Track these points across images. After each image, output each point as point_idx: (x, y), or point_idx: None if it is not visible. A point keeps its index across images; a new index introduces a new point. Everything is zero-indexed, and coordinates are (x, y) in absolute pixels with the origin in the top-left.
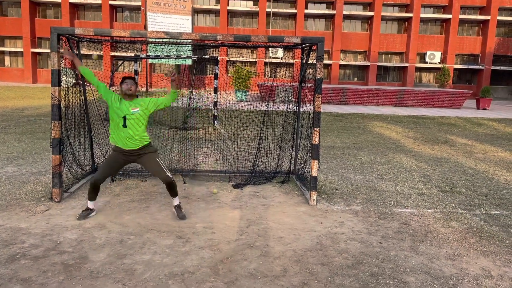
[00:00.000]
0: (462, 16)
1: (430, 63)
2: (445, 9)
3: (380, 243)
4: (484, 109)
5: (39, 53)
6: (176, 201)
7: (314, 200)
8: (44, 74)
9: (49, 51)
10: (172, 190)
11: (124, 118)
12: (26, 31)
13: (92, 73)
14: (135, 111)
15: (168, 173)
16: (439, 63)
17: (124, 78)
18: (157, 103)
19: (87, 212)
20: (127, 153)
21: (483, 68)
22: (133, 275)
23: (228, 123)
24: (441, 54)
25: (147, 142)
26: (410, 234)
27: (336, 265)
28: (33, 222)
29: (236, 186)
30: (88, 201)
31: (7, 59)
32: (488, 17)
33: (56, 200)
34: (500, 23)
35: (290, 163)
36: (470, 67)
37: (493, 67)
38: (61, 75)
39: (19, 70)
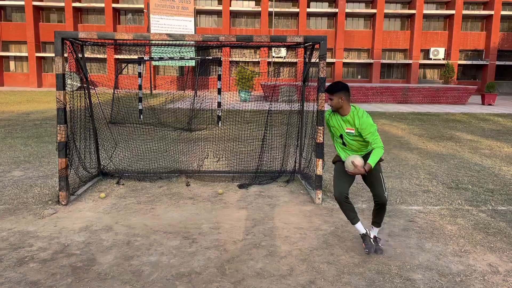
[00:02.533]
0: (465, 12)
1: (434, 59)
2: (448, 5)
3: (387, 240)
4: (490, 104)
5: (43, 58)
6: (375, 231)
7: (319, 199)
8: (49, 78)
9: (53, 55)
10: (379, 215)
11: (341, 136)
12: (30, 36)
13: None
14: (350, 132)
15: (386, 193)
16: (443, 59)
17: (327, 91)
18: (367, 138)
19: (368, 239)
20: None
21: (487, 63)
22: (141, 276)
23: (232, 123)
24: (445, 50)
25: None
26: (416, 231)
27: (343, 263)
28: (40, 226)
29: (241, 186)
30: (355, 226)
31: (12, 64)
32: (492, 12)
33: (63, 203)
34: (504, 18)
35: (295, 162)
36: (475, 62)
37: (497, 62)
38: (66, 79)
39: (24, 74)
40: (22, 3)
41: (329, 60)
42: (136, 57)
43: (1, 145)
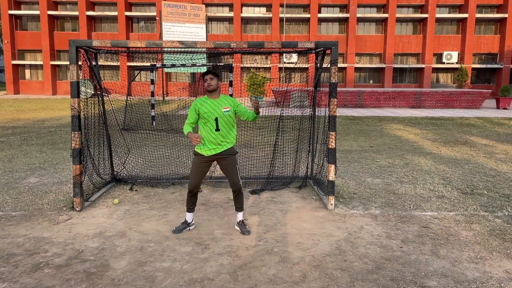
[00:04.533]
0: (478, 15)
1: (447, 63)
2: (461, 8)
3: (401, 247)
4: (505, 108)
5: (58, 66)
6: (240, 216)
7: (332, 204)
8: (63, 86)
9: (67, 63)
10: (239, 200)
11: (216, 120)
12: (45, 45)
13: (191, 124)
14: (226, 111)
15: (240, 181)
16: (457, 63)
17: (203, 74)
18: (244, 113)
19: (184, 226)
20: (211, 157)
21: (502, 66)
22: (154, 282)
23: (243, 129)
24: (458, 54)
25: (233, 144)
26: (431, 238)
27: (356, 270)
28: (55, 231)
29: (253, 192)
30: (187, 214)
31: (27, 72)
32: (506, 15)
33: (78, 209)
34: None
35: (307, 168)
36: (489, 66)
37: None
38: (80, 87)
39: (39, 82)
40: (37, 12)
41: (340, 65)
42: (148, 64)
43: (17, 152)
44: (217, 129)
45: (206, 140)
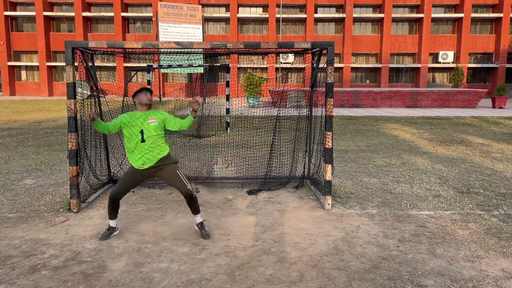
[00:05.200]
0: (474, 15)
1: (443, 63)
2: (456, 8)
3: (397, 246)
4: (500, 107)
5: (54, 67)
6: (198, 218)
7: (329, 204)
8: (59, 87)
9: (64, 64)
10: (192, 205)
11: (142, 132)
12: (41, 46)
13: (103, 125)
14: (152, 122)
15: (189, 186)
16: (452, 62)
17: (143, 90)
18: (174, 123)
19: (109, 232)
20: (145, 170)
21: (497, 66)
22: (151, 283)
23: (240, 129)
24: (454, 53)
25: (165, 153)
26: (427, 237)
27: (353, 269)
28: (52, 233)
29: (250, 192)
30: (109, 220)
31: (23, 73)
32: (501, 15)
33: (74, 210)
34: None
35: (304, 168)
36: (484, 65)
37: (507, 65)
38: (76, 88)
39: (36, 84)
40: (33, 13)
41: (337, 65)
42: (145, 65)
43: (13, 153)
44: (143, 140)
45: (134, 154)
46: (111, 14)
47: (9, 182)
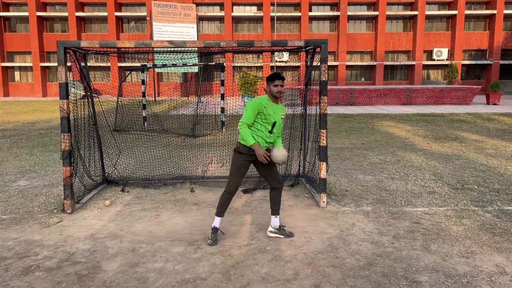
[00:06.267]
0: (468, 12)
1: (437, 60)
2: (450, 5)
3: (392, 243)
4: (494, 104)
5: (48, 67)
6: (276, 221)
7: (324, 202)
8: (53, 88)
9: (57, 64)
10: (277, 201)
11: (274, 124)
12: (34, 46)
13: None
14: (283, 117)
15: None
16: (447, 59)
17: (274, 78)
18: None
19: (216, 234)
20: (253, 155)
21: (491, 62)
22: (146, 283)
23: (236, 128)
24: (448, 50)
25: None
26: (422, 233)
27: (348, 266)
28: (46, 234)
29: (246, 191)
30: (216, 218)
31: (17, 74)
32: (495, 12)
33: (68, 211)
34: (507, 17)
35: (299, 166)
36: (478, 62)
37: (501, 62)
38: (70, 88)
39: (29, 84)
40: (26, 14)
41: (332, 63)
42: (139, 64)
43: (7, 154)
44: (271, 132)
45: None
46: (105, 13)
47: (3, 183)
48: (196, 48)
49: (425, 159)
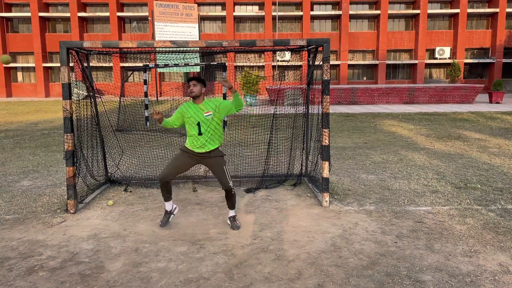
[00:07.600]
0: (470, 10)
1: (439, 58)
2: (452, 3)
3: (395, 242)
4: (497, 102)
5: (50, 68)
6: (231, 213)
7: (326, 201)
8: (56, 88)
9: (60, 65)
10: (230, 200)
11: (198, 124)
12: (37, 47)
13: (171, 122)
14: (208, 115)
15: (231, 183)
16: (449, 58)
17: (188, 80)
18: (229, 108)
19: (167, 217)
20: (197, 155)
21: (494, 61)
22: (149, 283)
23: (238, 127)
24: (451, 49)
25: (218, 145)
26: (425, 232)
27: (351, 266)
28: (49, 234)
29: (248, 191)
30: (165, 203)
31: (19, 74)
32: (497, 10)
33: (72, 211)
34: (509, 15)
35: (301, 165)
36: (481, 61)
37: (504, 60)
38: (72, 88)
39: (32, 85)
40: (29, 14)
41: (334, 62)
42: (141, 64)
43: (10, 155)
44: (200, 133)
45: (190, 142)
46: (107, 14)
47: (6, 183)
48: (198, 48)
49: (428, 158)
